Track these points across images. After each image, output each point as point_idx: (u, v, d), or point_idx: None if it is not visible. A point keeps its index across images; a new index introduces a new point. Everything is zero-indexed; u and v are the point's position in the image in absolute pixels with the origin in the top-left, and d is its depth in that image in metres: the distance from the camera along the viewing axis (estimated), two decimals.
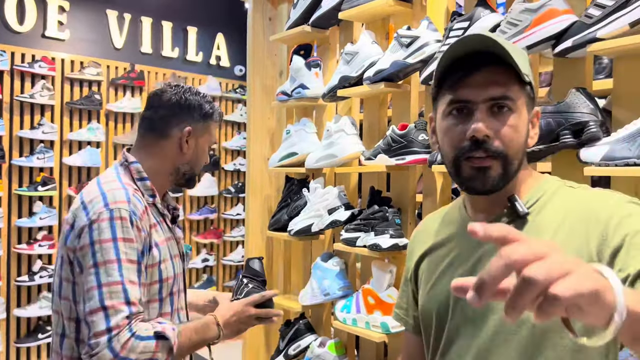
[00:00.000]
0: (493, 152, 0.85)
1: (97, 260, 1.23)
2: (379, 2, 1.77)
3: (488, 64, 0.85)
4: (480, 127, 0.84)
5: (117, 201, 1.29)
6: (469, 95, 0.86)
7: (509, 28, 1.42)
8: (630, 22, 1.19)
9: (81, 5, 4.23)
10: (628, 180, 1.30)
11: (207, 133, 1.49)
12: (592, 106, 1.29)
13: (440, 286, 0.98)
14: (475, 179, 0.87)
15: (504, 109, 0.86)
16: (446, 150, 0.91)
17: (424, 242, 1.06)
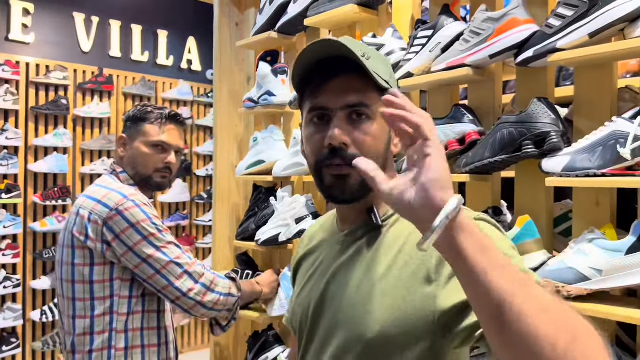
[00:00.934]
0: (350, 159, 0.77)
1: (145, 234, 1.48)
2: (344, 9, 1.74)
3: (347, 70, 0.84)
4: (335, 135, 0.82)
5: (132, 194, 1.53)
6: (326, 102, 0.85)
7: (472, 37, 1.41)
8: (589, 33, 1.19)
9: (46, 8, 4.13)
10: (589, 192, 1.30)
11: (140, 135, 1.63)
12: (554, 116, 1.28)
13: (305, 293, 0.97)
14: (335, 187, 0.86)
15: (362, 116, 0.84)
16: (309, 158, 0.89)
17: (303, 247, 1.07)
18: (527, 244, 1.31)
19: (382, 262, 0.86)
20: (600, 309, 1.16)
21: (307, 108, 0.88)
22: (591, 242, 1.20)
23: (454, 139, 1.47)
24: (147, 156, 1.62)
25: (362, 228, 0.92)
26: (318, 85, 0.86)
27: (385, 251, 0.87)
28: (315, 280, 0.96)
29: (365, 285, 0.85)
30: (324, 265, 0.96)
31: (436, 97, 1.65)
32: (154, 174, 1.63)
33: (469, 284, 0.58)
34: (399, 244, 0.86)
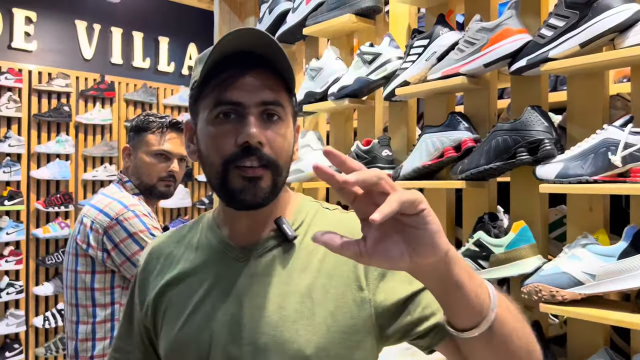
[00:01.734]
0: (266, 160, 0.77)
1: (143, 245, 1.51)
2: (341, 19, 1.77)
3: (257, 66, 0.78)
4: (255, 133, 0.76)
5: (132, 204, 1.58)
6: (239, 97, 0.77)
7: (467, 46, 1.44)
8: (580, 43, 1.21)
9: (49, 16, 4.17)
10: (582, 197, 1.33)
11: (143, 144, 1.68)
12: (547, 124, 1.31)
13: (196, 321, 0.83)
14: (246, 191, 0.77)
15: (274, 116, 0.79)
16: (212, 159, 0.80)
17: (164, 270, 0.90)
18: (523, 249, 1.34)
19: (303, 277, 0.81)
20: (594, 313, 1.18)
21: (210, 102, 0.79)
22: (584, 247, 1.23)
23: (450, 146, 1.50)
24: (150, 165, 1.66)
25: (269, 241, 0.84)
26: (229, 78, 0.78)
27: (303, 265, 0.82)
28: (212, 306, 0.83)
29: (290, 303, 0.80)
30: (220, 288, 0.84)
31: (432, 105, 1.68)
32: (157, 182, 1.67)
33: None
34: (317, 257, 0.83)
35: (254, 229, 0.85)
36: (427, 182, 1.56)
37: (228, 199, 0.81)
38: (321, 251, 0.83)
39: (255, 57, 0.78)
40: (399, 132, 1.77)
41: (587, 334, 1.32)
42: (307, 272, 0.82)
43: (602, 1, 1.18)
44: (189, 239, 0.92)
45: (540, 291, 1.25)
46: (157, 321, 0.89)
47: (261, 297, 0.81)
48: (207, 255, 0.88)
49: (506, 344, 0.68)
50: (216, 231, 0.89)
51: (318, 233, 0.57)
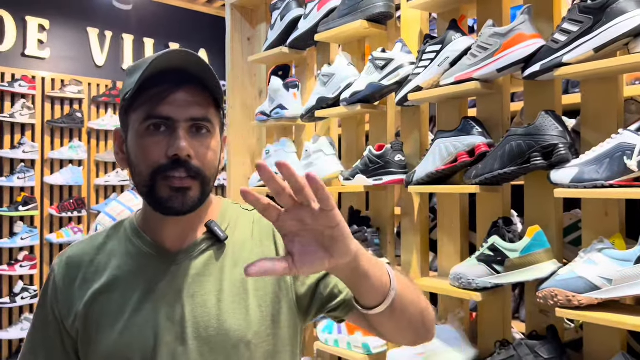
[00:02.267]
0: (194, 172, 0.83)
1: None
2: (353, 25, 1.78)
3: (188, 83, 0.83)
4: (185, 146, 0.81)
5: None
6: (170, 112, 0.82)
7: (480, 51, 1.45)
8: (594, 48, 1.21)
9: (61, 23, 4.22)
10: (597, 202, 1.32)
11: None
12: (561, 129, 1.31)
13: (137, 325, 0.86)
14: (174, 200, 0.82)
15: (202, 130, 0.85)
16: (141, 168, 0.84)
17: (90, 279, 0.91)
18: (538, 253, 1.34)
19: (236, 271, 0.89)
20: (611, 318, 1.18)
21: (142, 115, 0.83)
22: (600, 251, 1.23)
23: (464, 151, 1.50)
24: None
25: (202, 243, 0.91)
26: (161, 94, 0.82)
27: (234, 261, 0.90)
28: (152, 308, 0.86)
29: (228, 296, 0.87)
30: (157, 290, 0.87)
31: (445, 110, 1.69)
32: None
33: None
34: (245, 252, 0.92)
35: (184, 233, 0.91)
36: (440, 187, 1.56)
37: (156, 206, 0.85)
38: (248, 247, 0.93)
39: (185, 74, 0.83)
40: (412, 137, 1.77)
41: (604, 338, 1.32)
42: (239, 267, 0.90)
43: (616, 6, 1.18)
44: (111, 247, 0.94)
45: (556, 296, 1.25)
46: (88, 330, 0.88)
47: (200, 294, 0.87)
48: (137, 261, 0.90)
49: (404, 313, 0.83)
50: (143, 237, 0.92)
51: (248, 268, 0.64)
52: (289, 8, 2.11)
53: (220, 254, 0.91)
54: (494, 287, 1.42)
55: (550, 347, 1.33)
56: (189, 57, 0.82)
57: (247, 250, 0.92)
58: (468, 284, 1.45)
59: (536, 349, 1.34)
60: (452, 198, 1.67)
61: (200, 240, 0.91)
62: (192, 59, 0.82)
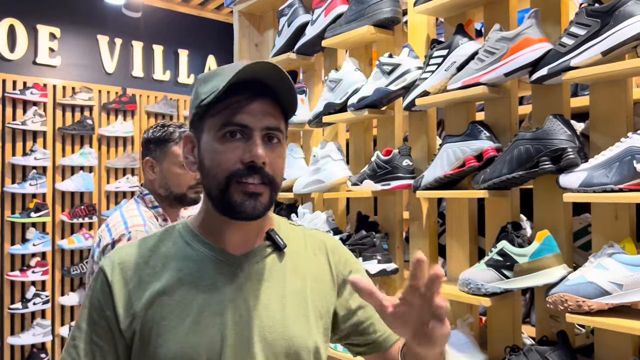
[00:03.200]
0: (267, 179, 0.87)
1: None
2: (360, 31, 1.79)
3: (264, 94, 0.88)
4: (261, 154, 0.85)
5: (135, 224, 1.56)
6: (248, 120, 0.86)
7: (487, 56, 1.44)
8: (602, 51, 1.21)
9: (72, 31, 4.27)
10: (607, 206, 1.31)
11: (167, 156, 1.68)
12: (570, 132, 1.30)
13: (204, 326, 0.87)
14: (246, 204, 0.86)
15: (274, 139, 0.89)
16: (216, 172, 0.87)
17: (146, 280, 0.90)
18: (547, 258, 1.33)
19: (296, 280, 0.95)
20: (622, 323, 1.17)
21: (219, 121, 0.87)
22: (611, 256, 1.22)
23: (472, 155, 1.50)
24: (179, 176, 1.67)
25: (263, 249, 0.95)
26: (239, 102, 0.86)
27: (294, 269, 0.96)
28: (218, 310, 0.88)
29: (290, 303, 0.93)
30: (222, 293, 0.89)
31: (453, 114, 1.68)
32: (187, 191, 1.68)
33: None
34: (303, 262, 0.98)
35: (247, 239, 0.94)
36: (448, 192, 1.56)
37: (227, 210, 0.88)
38: (303, 258, 0.99)
39: (263, 86, 0.87)
40: (419, 141, 1.77)
41: (615, 344, 1.30)
42: (298, 276, 0.96)
43: (624, 9, 1.18)
44: (166, 250, 0.93)
45: (566, 301, 1.24)
46: (147, 332, 0.87)
47: (265, 299, 0.91)
48: (199, 264, 0.91)
49: None
50: (204, 241, 0.93)
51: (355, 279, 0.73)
52: (296, 14, 2.12)
53: (281, 262, 0.95)
54: (503, 292, 1.41)
55: (560, 353, 1.32)
56: (271, 70, 0.85)
57: (302, 260, 0.98)
58: (477, 289, 1.44)
59: (546, 354, 1.33)
60: (460, 203, 1.66)
61: (262, 246, 0.95)
62: (274, 73, 0.85)
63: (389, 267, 1.75)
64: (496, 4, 1.56)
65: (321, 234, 1.07)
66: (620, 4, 1.18)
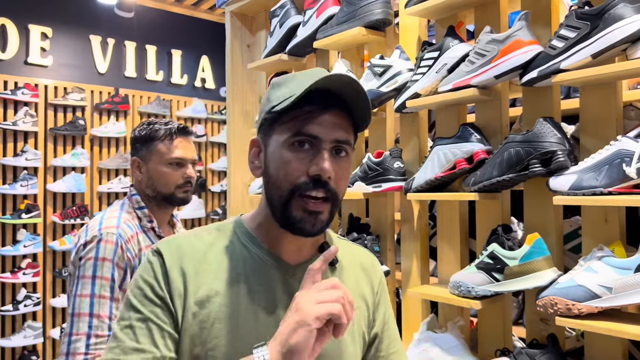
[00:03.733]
0: (331, 193, 0.84)
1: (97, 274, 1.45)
2: (351, 32, 1.78)
3: (336, 106, 0.85)
4: (328, 168, 0.82)
5: (108, 226, 1.52)
6: (319, 131, 0.83)
7: (477, 58, 1.44)
8: (592, 54, 1.21)
9: (64, 31, 4.24)
10: (597, 209, 1.31)
11: (154, 155, 1.62)
12: (560, 135, 1.30)
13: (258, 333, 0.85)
14: (306, 221, 0.84)
15: (342, 153, 0.86)
16: (281, 182, 0.84)
17: (202, 273, 0.87)
18: (537, 261, 1.33)
19: None
20: (612, 327, 1.17)
21: (290, 129, 0.84)
22: (600, 259, 1.21)
23: (462, 157, 1.49)
24: (166, 175, 1.61)
25: None
26: (312, 112, 0.84)
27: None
28: (274, 319, 0.86)
29: None
30: (278, 302, 0.88)
31: (444, 116, 1.68)
32: (175, 190, 1.63)
33: None
34: (353, 280, 0.98)
35: (302, 249, 0.92)
36: (439, 194, 1.55)
37: (286, 224, 0.85)
38: (352, 273, 0.99)
39: (335, 97, 0.85)
40: (411, 143, 1.77)
41: (605, 347, 1.30)
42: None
43: (613, 12, 1.18)
44: (221, 247, 0.91)
45: (556, 304, 1.24)
46: (199, 331, 0.84)
47: None
48: (255, 267, 0.89)
49: None
50: (260, 245, 0.91)
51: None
52: (288, 15, 2.12)
53: (332, 276, 0.95)
54: (493, 295, 1.41)
55: (550, 356, 1.32)
56: (348, 84, 0.83)
57: (351, 277, 0.98)
58: (467, 291, 1.44)
59: (536, 357, 1.33)
60: (451, 205, 1.66)
61: (316, 258, 0.89)
62: (350, 86, 0.83)
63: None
64: (487, 5, 1.56)
65: (365, 251, 1.07)
66: (610, 6, 1.18)
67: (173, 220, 1.78)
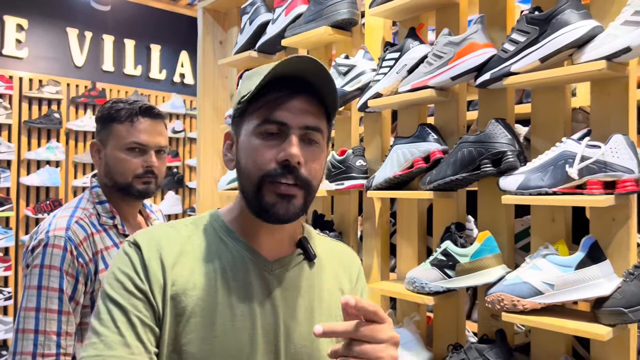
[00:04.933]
0: (302, 180, 0.83)
1: (26, 283, 1.31)
2: (318, 31, 1.80)
3: (305, 91, 0.84)
4: (297, 153, 0.81)
5: (56, 228, 1.34)
6: (286, 118, 0.82)
7: (435, 60, 1.47)
8: (540, 58, 1.24)
9: (40, 23, 4.20)
10: (545, 209, 1.35)
11: (112, 138, 1.44)
12: (510, 136, 1.34)
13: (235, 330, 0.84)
14: (279, 206, 0.82)
15: (313, 140, 0.85)
16: (250, 171, 0.83)
17: (179, 266, 0.85)
18: (487, 258, 1.36)
19: (325, 294, 0.93)
20: (554, 322, 1.21)
21: (257, 118, 0.83)
22: (545, 257, 1.25)
23: (420, 157, 1.52)
24: (123, 162, 1.42)
25: (295, 257, 0.92)
26: (278, 98, 0.82)
27: (322, 282, 0.94)
28: (250, 315, 0.85)
29: (319, 317, 0.91)
30: (253, 297, 0.86)
31: (405, 116, 1.71)
32: (134, 181, 1.43)
33: None
34: (332, 275, 0.96)
35: (280, 244, 0.91)
36: (397, 192, 1.58)
37: (260, 212, 0.84)
38: (331, 269, 0.97)
39: (304, 82, 0.83)
40: (374, 142, 1.80)
41: (550, 342, 1.34)
42: (326, 288, 0.94)
43: (560, 17, 1.21)
44: (198, 241, 0.89)
45: (503, 300, 1.28)
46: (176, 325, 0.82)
47: (293, 309, 0.89)
48: (233, 262, 0.87)
49: None
50: (238, 239, 0.89)
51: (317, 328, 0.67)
52: (258, 12, 2.13)
53: (310, 272, 0.93)
54: (446, 291, 1.44)
55: (498, 351, 1.35)
56: (310, 66, 0.81)
57: (330, 273, 0.97)
58: (421, 287, 1.47)
59: (485, 352, 1.36)
60: (410, 203, 1.69)
61: (293, 254, 0.92)
62: (313, 68, 0.81)
63: None
64: (447, 8, 1.60)
65: (345, 247, 1.07)
66: (557, 12, 1.22)
67: (146, 212, 1.62)
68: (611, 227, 1.24)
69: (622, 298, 1.13)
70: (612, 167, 1.14)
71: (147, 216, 1.62)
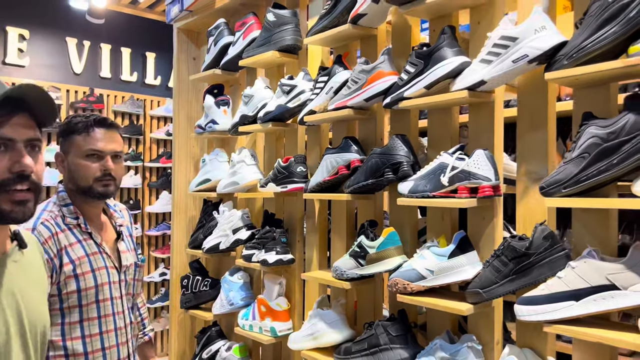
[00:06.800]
0: (34, 185, 0.99)
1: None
2: (267, 55, 2.09)
3: (24, 109, 0.99)
4: (30, 163, 0.97)
5: (29, 229, 1.51)
6: (13, 133, 0.97)
7: (352, 84, 1.76)
8: (425, 86, 1.52)
9: (41, 33, 4.52)
10: (437, 209, 1.64)
11: (72, 148, 1.61)
12: (407, 149, 1.62)
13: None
14: (17, 212, 0.97)
15: (35, 148, 1.01)
16: None
17: None
18: (389, 250, 1.65)
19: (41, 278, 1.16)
20: (431, 301, 1.48)
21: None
22: (428, 248, 1.53)
23: (343, 165, 1.81)
24: (84, 168, 1.59)
25: (14, 249, 1.07)
26: (5, 117, 0.96)
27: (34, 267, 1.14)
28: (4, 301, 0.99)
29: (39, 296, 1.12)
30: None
31: (337, 129, 2.00)
32: (94, 183, 1.60)
33: None
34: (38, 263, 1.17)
35: (4, 239, 1.05)
36: (327, 195, 1.87)
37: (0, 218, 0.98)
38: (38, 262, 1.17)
39: (23, 103, 0.99)
40: (314, 151, 2.08)
41: (440, 319, 1.63)
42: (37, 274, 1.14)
43: (438, 53, 1.49)
44: None
45: (397, 284, 1.56)
46: None
47: (28, 295, 1.06)
48: None
49: None
50: None
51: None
52: (221, 35, 2.42)
53: (27, 259, 1.10)
54: (359, 278, 1.73)
55: (398, 327, 1.64)
56: (31, 90, 0.97)
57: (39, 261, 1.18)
58: (341, 274, 1.76)
59: (387, 328, 1.65)
60: (340, 204, 1.97)
61: (13, 246, 1.08)
62: (33, 92, 0.97)
63: (285, 258, 2.06)
64: (368, 39, 1.88)
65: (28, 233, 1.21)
66: (436, 49, 1.50)
67: (110, 211, 1.78)
68: (481, 224, 1.52)
69: (479, 281, 1.41)
70: (475, 176, 1.42)
71: (111, 215, 1.81)
